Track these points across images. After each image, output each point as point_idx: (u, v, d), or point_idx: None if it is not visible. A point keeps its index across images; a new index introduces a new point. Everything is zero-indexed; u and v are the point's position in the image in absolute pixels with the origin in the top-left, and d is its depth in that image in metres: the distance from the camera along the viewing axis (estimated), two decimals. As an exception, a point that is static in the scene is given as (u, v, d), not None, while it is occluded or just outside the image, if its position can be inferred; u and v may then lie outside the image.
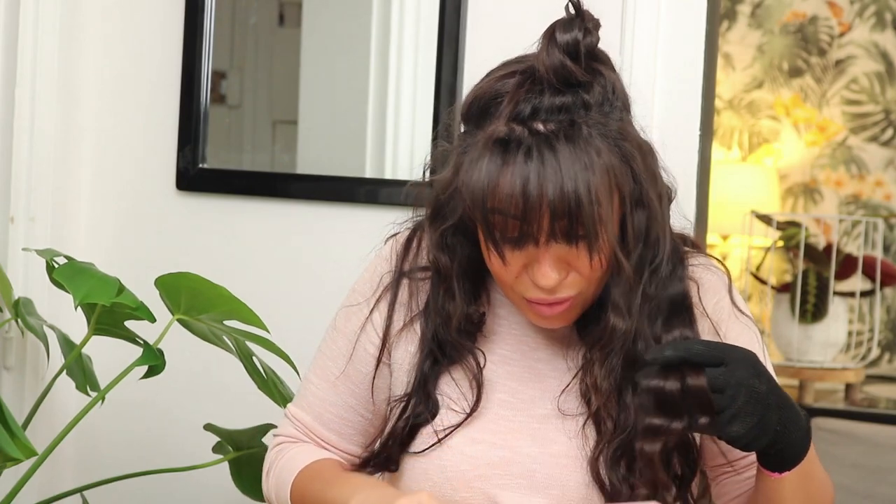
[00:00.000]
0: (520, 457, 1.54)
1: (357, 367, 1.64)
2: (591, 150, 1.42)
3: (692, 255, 1.60)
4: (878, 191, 5.26)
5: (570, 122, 1.43)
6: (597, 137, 1.43)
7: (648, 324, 1.51)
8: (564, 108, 1.44)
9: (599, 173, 1.42)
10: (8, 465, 1.82)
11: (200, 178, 2.40)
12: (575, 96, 1.45)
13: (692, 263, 1.59)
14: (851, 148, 5.27)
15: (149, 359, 1.95)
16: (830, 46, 5.29)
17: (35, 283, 2.28)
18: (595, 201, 1.41)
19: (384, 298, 1.62)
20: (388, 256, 1.65)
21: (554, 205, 1.41)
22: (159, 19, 2.42)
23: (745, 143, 5.33)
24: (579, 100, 1.45)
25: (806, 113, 5.30)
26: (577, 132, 1.43)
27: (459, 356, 1.57)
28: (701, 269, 1.59)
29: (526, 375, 1.58)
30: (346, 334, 1.65)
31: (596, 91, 1.46)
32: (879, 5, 5.24)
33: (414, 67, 2.33)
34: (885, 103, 5.24)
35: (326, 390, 1.65)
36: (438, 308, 1.57)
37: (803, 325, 4.25)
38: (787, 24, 5.31)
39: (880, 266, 4.35)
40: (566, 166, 1.41)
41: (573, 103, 1.44)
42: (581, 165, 1.41)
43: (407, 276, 1.61)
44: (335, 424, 1.65)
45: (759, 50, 5.33)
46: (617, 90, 1.48)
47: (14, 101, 2.31)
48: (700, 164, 2.16)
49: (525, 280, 1.48)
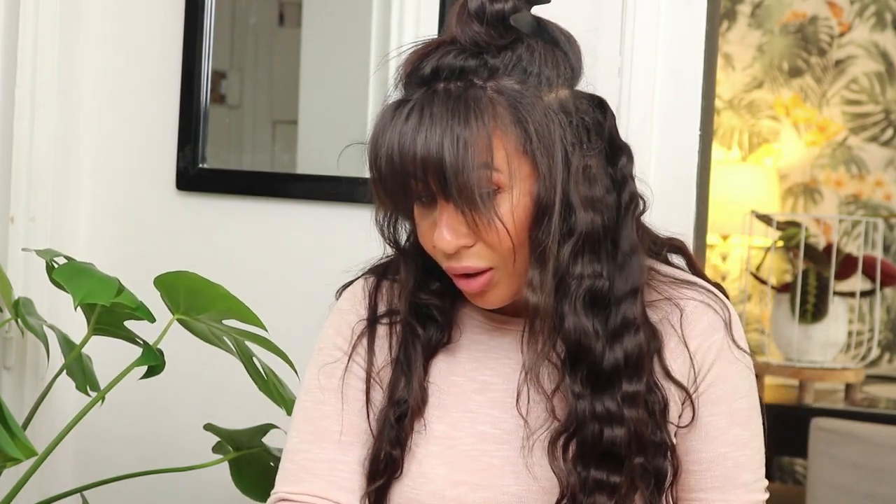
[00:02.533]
0: (504, 497, 1.50)
1: (354, 420, 1.58)
2: (480, 112, 1.40)
3: (689, 287, 1.54)
4: (878, 191, 5.26)
5: (468, 84, 1.42)
6: (498, 103, 1.42)
7: (571, 307, 1.45)
8: (465, 70, 1.43)
9: (482, 136, 1.40)
10: (8, 465, 1.82)
11: (200, 178, 2.40)
12: (478, 60, 1.44)
13: (685, 296, 1.53)
14: (851, 148, 5.27)
15: (148, 359, 1.95)
16: (830, 46, 5.29)
17: (35, 283, 2.28)
18: (464, 162, 1.39)
19: (360, 344, 1.59)
20: (350, 307, 1.61)
21: (423, 162, 1.40)
22: (159, 19, 2.42)
23: (745, 143, 5.33)
24: (483, 63, 1.44)
25: (806, 113, 5.30)
26: (471, 94, 1.41)
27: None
28: (693, 304, 1.52)
29: (508, 402, 1.53)
30: (332, 391, 1.58)
31: (506, 57, 1.44)
32: (879, 5, 5.24)
33: (414, 67, 2.33)
34: (885, 103, 5.24)
35: (335, 451, 1.57)
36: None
37: (803, 325, 4.25)
38: (787, 24, 5.31)
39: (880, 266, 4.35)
40: (443, 125, 1.40)
41: (476, 66, 1.43)
42: (462, 125, 1.39)
43: (378, 322, 1.59)
44: (350, 483, 1.58)
45: (759, 50, 5.32)
46: (540, 62, 1.46)
47: (14, 101, 2.31)
48: (700, 164, 2.16)
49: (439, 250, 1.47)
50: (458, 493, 1.51)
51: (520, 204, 1.43)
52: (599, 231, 1.46)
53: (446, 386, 1.56)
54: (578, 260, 1.46)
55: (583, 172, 1.45)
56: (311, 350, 1.65)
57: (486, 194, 1.41)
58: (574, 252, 1.45)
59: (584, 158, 1.46)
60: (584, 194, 1.45)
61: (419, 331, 1.56)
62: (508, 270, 1.46)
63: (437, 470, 1.52)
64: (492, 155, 1.41)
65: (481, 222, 1.42)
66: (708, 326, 1.52)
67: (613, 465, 1.46)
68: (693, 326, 1.52)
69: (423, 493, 1.52)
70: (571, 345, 1.46)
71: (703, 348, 1.52)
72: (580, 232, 1.45)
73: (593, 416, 1.46)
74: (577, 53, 1.51)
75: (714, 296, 1.54)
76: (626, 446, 1.46)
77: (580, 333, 1.46)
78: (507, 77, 1.44)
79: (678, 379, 1.51)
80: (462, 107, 1.41)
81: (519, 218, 1.43)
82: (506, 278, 1.47)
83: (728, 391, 1.52)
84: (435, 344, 1.56)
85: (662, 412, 1.50)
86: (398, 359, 1.56)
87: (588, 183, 1.46)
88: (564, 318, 1.46)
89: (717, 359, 1.52)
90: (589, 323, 1.46)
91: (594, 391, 1.47)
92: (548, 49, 1.47)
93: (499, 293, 1.49)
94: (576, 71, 1.50)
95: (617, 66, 2.12)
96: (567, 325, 1.46)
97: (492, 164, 1.41)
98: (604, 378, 1.47)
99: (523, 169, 1.43)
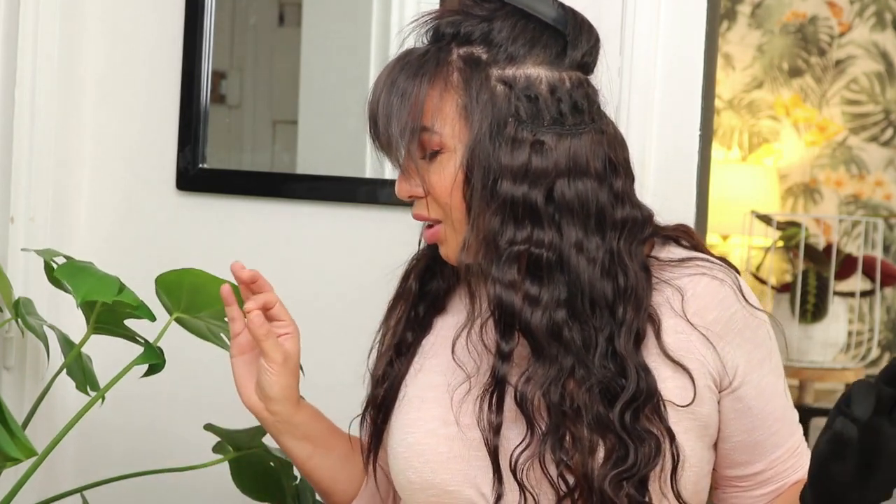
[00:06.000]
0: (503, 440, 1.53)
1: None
2: (430, 73, 1.51)
3: (685, 265, 1.57)
4: (878, 191, 5.27)
5: (439, 48, 1.52)
6: (456, 67, 1.51)
7: (500, 270, 1.50)
8: (443, 35, 1.53)
9: (421, 96, 1.50)
10: (8, 465, 1.82)
11: (200, 178, 2.40)
12: (456, 28, 1.52)
13: (682, 273, 1.56)
14: (851, 148, 5.27)
15: (149, 358, 1.95)
16: (830, 46, 5.30)
17: (35, 283, 2.28)
18: (398, 116, 1.50)
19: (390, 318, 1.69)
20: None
21: (372, 116, 1.52)
22: (159, 19, 2.42)
23: (745, 143, 5.33)
24: (457, 31, 1.52)
25: (806, 113, 5.30)
26: (436, 56, 1.51)
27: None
28: (693, 280, 1.55)
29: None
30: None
31: (481, 27, 1.52)
32: (879, 5, 5.24)
33: (414, 67, 2.33)
34: (885, 103, 5.24)
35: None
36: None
37: (803, 325, 4.25)
38: (787, 24, 5.31)
39: (880, 266, 4.35)
40: (400, 79, 1.51)
41: (455, 32, 1.52)
42: (407, 83, 1.50)
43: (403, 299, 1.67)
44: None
45: (759, 50, 5.33)
46: (512, 36, 1.51)
47: (14, 101, 2.31)
48: (700, 164, 2.16)
49: None
50: (450, 432, 1.56)
51: (461, 165, 1.51)
52: (532, 202, 1.50)
53: (445, 344, 1.61)
54: (505, 226, 1.50)
55: (513, 143, 1.50)
56: (311, 348, 1.68)
57: (416, 152, 1.52)
58: (501, 218, 1.50)
59: (532, 133, 1.50)
60: (507, 164, 1.50)
61: (413, 285, 1.65)
62: (454, 227, 1.54)
63: (433, 412, 1.58)
64: (427, 115, 1.51)
65: (414, 177, 1.53)
66: (720, 299, 1.55)
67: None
68: (693, 302, 1.55)
69: (419, 434, 1.58)
70: (497, 307, 1.51)
71: (716, 322, 1.55)
72: (503, 199, 1.50)
73: (523, 378, 1.51)
74: (583, 42, 1.54)
75: (716, 265, 1.57)
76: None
77: (503, 297, 1.50)
78: (477, 45, 1.52)
79: (682, 357, 1.53)
80: (417, 67, 1.51)
81: (459, 179, 1.51)
82: (451, 234, 1.55)
83: (761, 350, 1.58)
84: (431, 298, 1.65)
85: (643, 394, 1.51)
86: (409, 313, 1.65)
87: (521, 154, 1.50)
88: (491, 281, 1.51)
89: (742, 327, 1.56)
90: (520, 289, 1.50)
91: (534, 357, 1.51)
92: (530, 27, 1.52)
93: (448, 248, 1.56)
94: (572, 57, 1.53)
95: (617, 66, 2.12)
96: (490, 288, 1.51)
97: (427, 126, 1.51)
98: (542, 345, 1.50)
99: (464, 133, 1.50)
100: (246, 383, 1.69)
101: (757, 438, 1.59)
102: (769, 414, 1.59)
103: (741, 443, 1.59)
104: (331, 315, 2.31)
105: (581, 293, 1.51)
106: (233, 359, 1.69)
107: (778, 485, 1.61)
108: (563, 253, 1.51)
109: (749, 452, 1.60)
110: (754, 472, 1.60)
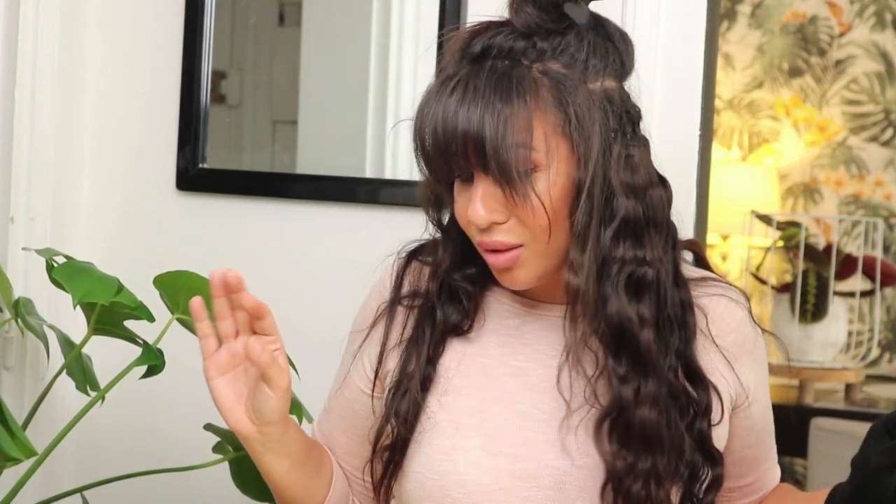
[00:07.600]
0: (548, 469, 1.50)
1: (345, 395, 1.65)
2: (523, 91, 1.43)
3: (702, 284, 1.57)
4: (878, 191, 5.27)
5: (515, 64, 1.45)
6: (541, 84, 1.44)
7: (614, 290, 1.47)
8: (514, 50, 1.46)
9: (523, 114, 1.42)
10: (8, 465, 1.82)
11: (200, 178, 2.40)
12: (528, 42, 1.46)
13: (702, 293, 1.56)
14: (851, 148, 5.27)
15: (148, 358, 1.95)
16: (830, 46, 5.29)
17: (35, 283, 2.28)
18: (503, 138, 1.41)
19: (378, 328, 1.62)
20: (380, 283, 1.65)
21: (464, 135, 1.42)
22: (159, 19, 2.42)
23: (745, 143, 5.33)
24: (532, 45, 1.46)
25: (806, 113, 5.30)
26: (516, 72, 1.44)
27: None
28: (713, 301, 1.56)
29: (545, 386, 1.54)
30: (346, 360, 1.66)
31: (555, 42, 1.47)
32: (879, 5, 5.24)
33: (414, 67, 2.33)
34: (885, 103, 5.24)
35: (329, 410, 1.68)
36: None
37: (803, 325, 4.25)
38: (787, 24, 5.31)
39: (880, 266, 4.35)
40: (486, 101, 1.42)
41: (525, 47, 1.46)
42: (503, 102, 1.42)
43: (399, 303, 1.61)
44: (330, 441, 1.67)
45: (759, 50, 5.33)
46: (588, 50, 1.48)
47: (14, 101, 2.31)
48: (700, 164, 2.16)
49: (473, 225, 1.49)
50: (497, 463, 1.50)
51: (556, 184, 1.45)
52: (641, 218, 1.48)
53: (475, 368, 1.56)
54: (620, 244, 1.47)
55: (624, 160, 1.47)
56: (311, 349, 1.67)
57: (522, 171, 1.43)
58: (616, 236, 1.46)
59: (626, 147, 1.48)
60: (624, 180, 1.47)
61: (438, 312, 1.57)
62: (538, 250, 1.47)
63: (473, 441, 1.52)
64: (531, 134, 1.43)
65: (517, 198, 1.44)
66: (728, 320, 1.56)
67: (656, 451, 1.48)
68: (715, 323, 1.55)
69: (458, 464, 1.51)
70: (614, 329, 1.47)
71: (735, 343, 1.56)
72: (621, 217, 1.46)
73: (637, 401, 1.47)
74: (630, 52, 1.54)
75: (730, 287, 1.59)
76: (666, 431, 1.48)
77: (623, 318, 1.47)
78: (553, 60, 1.46)
79: (711, 376, 1.54)
80: (506, 84, 1.43)
81: (554, 197, 1.45)
82: (534, 258, 1.48)
83: (764, 369, 1.60)
84: (452, 326, 1.57)
85: (705, 408, 1.52)
86: (410, 337, 1.58)
87: (630, 170, 1.48)
88: (607, 302, 1.47)
89: (749, 350, 1.57)
90: (633, 308, 1.47)
91: (639, 376, 1.48)
92: (598, 41, 1.49)
93: (525, 272, 1.49)
94: (626, 67, 1.53)
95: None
96: (610, 308, 1.47)
97: (530, 143, 1.43)
98: (648, 363, 1.48)
99: (561, 150, 1.45)
100: (233, 407, 1.50)
101: (755, 453, 1.62)
102: (765, 429, 1.62)
103: (742, 457, 1.61)
104: (329, 314, 2.31)
105: (663, 308, 1.50)
106: (211, 381, 1.49)
107: (760, 494, 1.65)
108: (659, 270, 1.49)
109: (746, 465, 1.62)
110: (745, 484, 1.63)
